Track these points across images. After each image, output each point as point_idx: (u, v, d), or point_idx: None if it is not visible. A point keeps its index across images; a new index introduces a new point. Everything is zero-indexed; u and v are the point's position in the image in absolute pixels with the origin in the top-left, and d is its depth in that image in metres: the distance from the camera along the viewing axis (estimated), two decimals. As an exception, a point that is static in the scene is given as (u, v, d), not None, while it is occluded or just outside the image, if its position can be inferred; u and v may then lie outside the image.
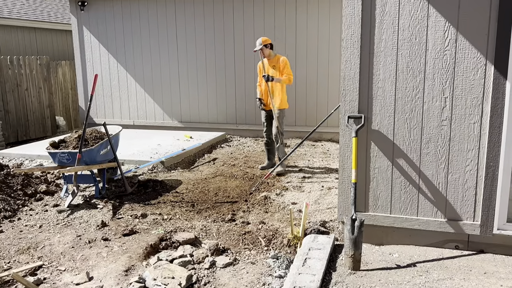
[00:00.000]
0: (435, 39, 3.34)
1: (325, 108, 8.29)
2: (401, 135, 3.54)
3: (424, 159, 3.52)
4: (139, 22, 9.25)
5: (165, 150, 7.30)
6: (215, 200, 5.19)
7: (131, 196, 5.32)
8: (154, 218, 4.59)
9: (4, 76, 9.20)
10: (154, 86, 9.44)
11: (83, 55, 9.73)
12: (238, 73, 8.84)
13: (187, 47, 9.09)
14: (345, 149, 3.68)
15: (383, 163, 3.62)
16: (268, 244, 3.96)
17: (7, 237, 4.16)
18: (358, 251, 3.26)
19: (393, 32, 3.41)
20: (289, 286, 2.97)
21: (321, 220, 4.30)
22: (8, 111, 9.30)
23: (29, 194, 5.19)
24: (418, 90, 3.44)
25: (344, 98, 3.61)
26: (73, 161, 5.02)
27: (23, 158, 7.28)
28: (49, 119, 10.18)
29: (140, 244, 3.91)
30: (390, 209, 3.68)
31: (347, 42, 3.51)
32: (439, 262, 3.38)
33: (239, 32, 8.70)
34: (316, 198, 5.11)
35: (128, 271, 3.48)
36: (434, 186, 3.53)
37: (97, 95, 9.69)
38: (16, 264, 3.67)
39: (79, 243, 4.00)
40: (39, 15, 13.37)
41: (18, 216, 4.71)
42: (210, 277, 3.37)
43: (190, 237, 3.97)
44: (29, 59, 9.76)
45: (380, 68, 3.49)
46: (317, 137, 8.34)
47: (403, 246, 3.68)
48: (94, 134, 5.44)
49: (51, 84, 10.27)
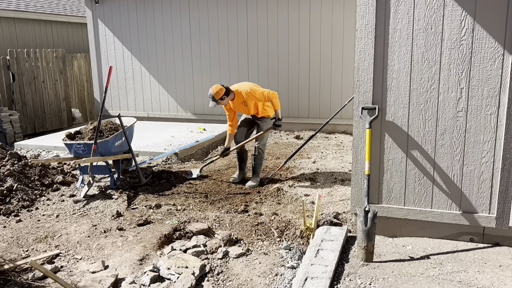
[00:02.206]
0: (451, 29, 3.28)
1: (339, 100, 8.22)
2: (416, 127, 3.50)
3: (439, 150, 3.48)
4: (153, 15, 9.28)
5: (179, 141, 7.35)
6: (228, 191, 5.22)
7: (145, 187, 5.38)
8: (168, 208, 4.64)
9: (21, 69, 9.35)
10: (168, 79, 9.49)
11: (98, 48, 9.82)
12: (251, 65, 8.82)
13: (200, 39, 9.09)
14: (358, 140, 3.66)
15: (397, 155, 3.59)
16: (281, 235, 3.98)
17: (25, 226, 4.25)
18: (371, 243, 3.25)
19: (408, 22, 3.37)
20: (302, 276, 2.98)
21: (334, 212, 4.30)
22: (25, 103, 9.46)
23: (46, 185, 5.29)
24: (433, 81, 3.39)
25: (358, 89, 3.58)
26: (88, 152, 5.09)
27: (40, 149, 7.41)
28: (65, 111, 10.33)
29: (154, 234, 3.96)
30: (404, 201, 3.66)
31: (361, 32, 3.47)
32: (453, 254, 3.36)
33: (252, 24, 8.67)
34: (329, 190, 5.10)
35: (142, 260, 3.53)
36: (449, 178, 3.49)
37: (111, 88, 9.79)
38: (34, 253, 3.75)
39: (95, 233, 4.07)
40: (54, 8, 13.51)
41: (35, 205, 4.80)
42: (223, 267, 3.41)
43: (204, 228, 4.01)
44: (45, 52, 9.89)
45: (394, 59, 3.45)
46: (330, 129, 8.30)
47: (417, 238, 3.65)
48: (109, 125, 5.50)
49: (66, 76, 10.40)
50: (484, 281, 2.94)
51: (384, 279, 3.00)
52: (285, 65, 8.64)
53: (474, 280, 2.95)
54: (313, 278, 2.94)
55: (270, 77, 8.74)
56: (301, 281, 2.91)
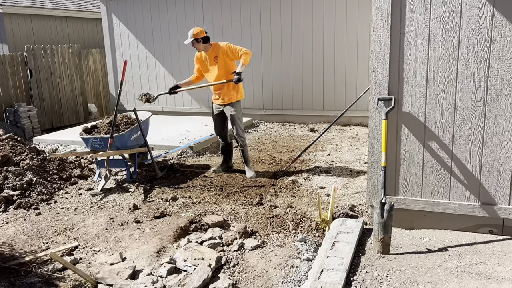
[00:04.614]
0: (469, 17, 3.21)
1: (354, 92, 8.13)
2: (433, 117, 3.45)
3: (457, 141, 3.42)
4: (166, 9, 9.30)
5: (194, 135, 7.38)
6: (243, 184, 5.23)
7: (161, 180, 5.43)
8: (184, 201, 4.67)
9: (38, 64, 9.49)
10: (182, 73, 9.50)
11: (112, 43, 9.89)
12: (265, 58, 8.78)
13: (214, 33, 9.08)
14: (374, 132, 3.62)
15: (414, 146, 3.55)
16: (296, 227, 3.97)
17: (45, 219, 4.34)
18: (387, 235, 3.22)
19: (425, 11, 3.30)
20: (318, 268, 2.98)
21: (349, 204, 4.27)
22: (43, 99, 9.61)
23: (64, 178, 5.38)
24: (451, 71, 3.33)
25: (373, 80, 3.53)
26: (105, 146, 5.15)
27: (58, 143, 7.53)
28: (81, 106, 10.46)
29: (170, 226, 4.00)
30: (421, 193, 3.61)
31: (377, 22, 3.42)
32: (472, 246, 3.31)
33: (266, 17, 8.62)
34: (344, 183, 5.07)
35: (159, 252, 3.57)
36: (467, 169, 3.44)
37: (127, 82, 9.86)
38: (54, 245, 3.83)
39: (112, 225, 4.13)
40: (70, 4, 13.65)
41: (54, 199, 4.89)
42: (239, 259, 3.42)
43: (219, 220, 4.03)
44: (62, 47, 10.01)
45: (411, 49, 3.39)
46: (345, 122, 8.23)
47: (434, 231, 3.61)
48: (125, 120, 5.55)
49: (82, 72, 10.52)
50: (504, 273, 2.89)
51: (401, 271, 2.98)
52: (299, 57, 8.59)
53: (494, 273, 2.91)
54: (329, 270, 2.93)
55: (284, 69, 8.70)
56: (317, 273, 2.91)
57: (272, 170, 5.71)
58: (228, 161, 5.74)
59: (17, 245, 3.79)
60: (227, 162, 5.74)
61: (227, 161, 5.73)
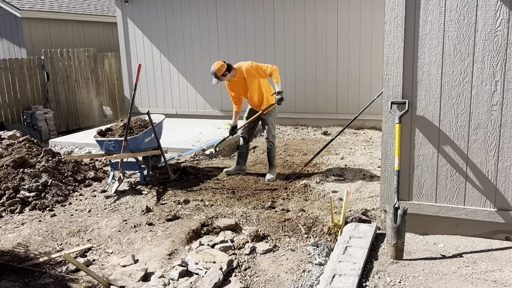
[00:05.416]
0: (485, 20, 3.16)
1: (368, 94, 8.07)
2: (448, 121, 3.40)
3: (472, 146, 3.36)
4: (181, 13, 9.37)
5: (207, 138, 7.41)
6: (255, 188, 5.23)
7: (174, 182, 5.46)
8: (196, 204, 4.69)
9: (55, 68, 9.65)
10: (196, 76, 9.57)
11: (127, 46, 10.01)
12: (278, 61, 8.78)
13: (227, 37, 9.13)
14: (388, 135, 3.59)
15: (428, 150, 3.50)
16: (308, 231, 3.95)
17: (59, 220, 4.39)
18: (400, 240, 3.18)
19: (439, 14, 3.26)
20: (329, 273, 2.96)
21: (362, 209, 4.23)
22: (59, 102, 9.76)
23: (79, 180, 5.44)
24: (466, 74, 3.28)
25: (387, 83, 3.50)
26: (119, 148, 5.20)
27: (73, 146, 7.63)
28: (96, 109, 10.59)
29: (182, 229, 4.01)
30: (435, 198, 3.56)
31: (390, 25, 3.39)
32: (488, 253, 3.25)
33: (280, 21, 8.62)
34: (357, 187, 5.03)
35: (171, 255, 3.58)
36: (482, 174, 3.38)
37: (141, 85, 9.96)
38: (68, 246, 3.87)
39: (125, 227, 4.16)
40: (86, 8, 13.87)
41: (69, 200, 4.95)
42: (250, 262, 3.41)
43: (231, 223, 4.03)
44: (78, 51, 10.17)
45: (425, 52, 3.35)
46: (359, 125, 8.17)
47: (449, 236, 3.55)
48: (139, 122, 5.60)
49: (98, 75, 10.67)
50: (520, 281, 2.83)
51: (414, 277, 2.94)
52: (312, 59, 8.56)
53: (510, 280, 2.85)
54: (341, 275, 2.91)
55: (297, 71, 8.69)
56: (329, 278, 2.89)
57: (285, 174, 5.69)
58: (241, 164, 5.75)
59: (32, 246, 3.85)
60: (240, 164, 5.75)
61: (240, 163, 5.74)
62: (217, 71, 5.19)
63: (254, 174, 5.72)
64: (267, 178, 5.47)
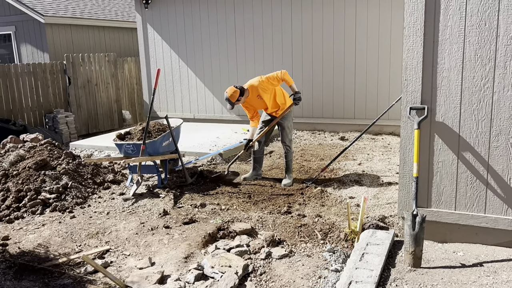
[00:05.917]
0: (507, 24, 3.11)
1: (386, 100, 7.97)
2: (468, 128, 3.34)
3: (493, 152, 3.30)
4: (199, 19, 9.47)
5: (224, 142, 7.45)
6: (271, 192, 5.22)
7: (191, 186, 5.50)
8: (212, 208, 4.71)
9: (76, 72, 9.85)
10: (214, 81, 9.63)
11: (147, 52, 10.15)
12: (295, 64, 8.77)
13: (245, 43, 9.17)
14: (406, 141, 3.55)
15: (448, 157, 3.45)
16: (324, 237, 3.92)
17: (78, 222, 4.47)
18: (418, 248, 3.14)
19: (460, 18, 3.22)
20: (346, 280, 2.93)
21: (380, 215, 4.19)
22: (80, 106, 9.95)
23: (98, 183, 5.53)
24: (487, 80, 3.23)
25: (406, 89, 3.47)
26: (137, 152, 5.27)
27: (93, 149, 7.76)
28: (116, 113, 10.76)
29: (199, 232, 4.03)
30: (454, 205, 3.50)
31: (410, 30, 3.37)
32: (509, 263, 3.17)
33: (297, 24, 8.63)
34: (375, 193, 4.98)
35: (187, 258, 3.60)
36: (504, 181, 3.31)
37: (160, 90, 10.08)
38: (86, 247, 3.93)
39: (143, 230, 4.21)
40: (107, 14, 14.13)
41: (88, 203, 5.03)
42: (266, 267, 3.41)
43: (247, 228, 4.03)
44: (98, 56, 10.36)
45: (445, 57, 3.31)
46: (377, 131, 8.09)
47: (469, 245, 3.48)
48: (157, 126, 5.66)
49: (118, 79, 10.84)
50: (543, 292, 2.75)
51: (432, 286, 2.88)
52: (330, 64, 8.53)
53: (532, 291, 2.78)
54: (357, 282, 2.88)
55: (314, 77, 8.67)
56: (345, 285, 2.86)
57: (301, 179, 5.67)
58: (257, 169, 5.76)
59: (52, 247, 3.92)
60: (257, 169, 5.75)
61: (256, 168, 5.75)
62: (231, 98, 5.16)
63: (271, 179, 5.72)
64: (284, 183, 5.47)
